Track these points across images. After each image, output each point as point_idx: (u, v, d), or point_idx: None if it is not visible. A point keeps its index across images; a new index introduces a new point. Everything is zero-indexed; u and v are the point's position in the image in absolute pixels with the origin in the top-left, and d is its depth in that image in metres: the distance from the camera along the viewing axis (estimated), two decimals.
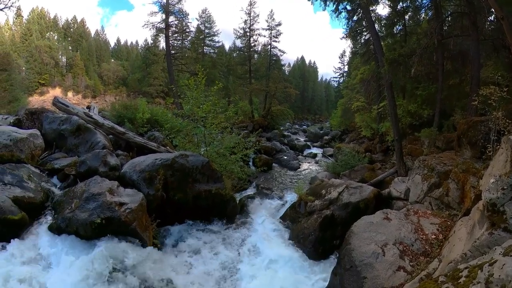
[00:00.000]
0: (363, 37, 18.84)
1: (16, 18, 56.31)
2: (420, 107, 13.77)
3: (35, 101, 48.77)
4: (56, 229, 5.79)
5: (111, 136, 9.90)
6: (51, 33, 63.51)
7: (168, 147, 10.93)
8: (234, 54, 44.81)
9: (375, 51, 15.04)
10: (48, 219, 6.10)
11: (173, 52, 31.73)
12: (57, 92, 55.15)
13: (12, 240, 5.46)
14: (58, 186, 7.30)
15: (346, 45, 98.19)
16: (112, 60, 70.83)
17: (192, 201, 7.68)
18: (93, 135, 9.12)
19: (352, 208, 7.70)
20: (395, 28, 16.01)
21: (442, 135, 11.56)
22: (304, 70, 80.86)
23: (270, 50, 36.20)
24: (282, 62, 43.18)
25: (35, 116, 9.98)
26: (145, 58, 48.08)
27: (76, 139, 9.10)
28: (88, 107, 13.08)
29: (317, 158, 21.15)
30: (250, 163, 15.90)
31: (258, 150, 15.94)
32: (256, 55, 37.74)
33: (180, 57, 33.60)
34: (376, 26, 14.74)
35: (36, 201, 6.24)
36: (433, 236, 5.47)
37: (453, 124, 11.70)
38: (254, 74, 35.81)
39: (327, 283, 5.79)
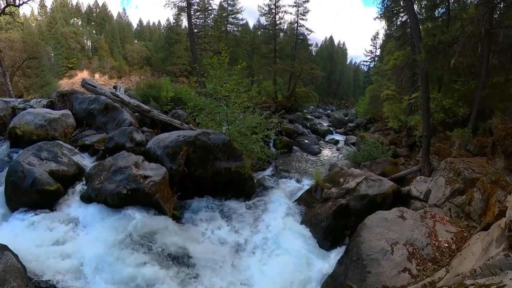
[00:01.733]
0: (400, 18, 17.51)
1: (40, 9, 60.31)
2: (456, 104, 12.72)
3: (65, 84, 51.97)
4: (87, 198, 6.44)
5: (137, 114, 10.43)
6: (75, 19, 66.95)
7: (191, 124, 11.32)
8: (259, 33, 43.91)
9: (412, 35, 13.87)
10: (80, 189, 6.77)
11: (195, 31, 31.87)
12: (84, 74, 58.15)
13: (49, 207, 6.20)
14: (88, 160, 7.95)
15: (380, 27, 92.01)
16: (136, 41, 72.85)
17: (212, 178, 8.04)
18: (120, 113, 9.68)
19: (368, 201, 7.63)
20: (436, 11, 14.48)
21: (476, 139, 10.76)
22: (333, 51, 77.26)
23: (297, 28, 35.03)
24: (309, 42, 41.62)
25: (66, 98, 10.76)
26: (168, 38, 48.69)
27: (104, 117, 9.71)
28: (115, 87, 13.73)
29: (338, 145, 20.81)
30: (271, 144, 16.03)
31: (280, 131, 15.97)
32: (281, 34, 36.84)
33: (203, 35, 33.70)
34: (416, 7, 13.52)
35: (69, 173, 6.91)
36: (446, 245, 5.33)
37: (490, 128, 10.64)
38: (279, 53, 35.11)
39: (332, 270, 5.96)
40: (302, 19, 34.62)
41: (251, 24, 56.38)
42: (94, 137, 8.80)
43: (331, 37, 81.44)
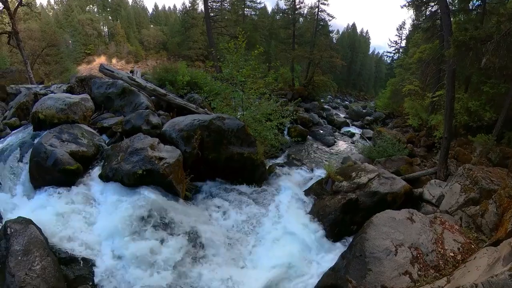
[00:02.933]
0: (430, 8, 16.42)
1: None
2: (482, 107, 12.01)
3: (84, 69, 53.71)
4: (104, 177, 6.82)
5: (153, 97, 10.68)
6: (91, 6, 68.32)
7: (206, 109, 11.49)
8: (277, 17, 43.18)
9: (441, 27, 13.03)
10: (98, 169, 7.16)
11: (212, 14, 31.68)
12: (102, 59, 59.76)
13: (69, 185, 6.63)
14: (106, 142, 8.32)
15: (407, 16, 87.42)
16: (151, 26, 73.58)
17: (224, 162, 8.26)
18: (137, 97, 9.96)
19: (378, 198, 7.62)
20: (471, 3, 13.46)
21: (499, 147, 10.31)
22: (354, 40, 74.03)
23: (317, 13, 34.01)
24: (330, 29, 40.49)
25: (84, 83, 11.18)
26: (184, 22, 48.95)
27: (121, 100, 10.02)
28: (132, 72, 14.10)
29: (354, 138, 20.52)
30: (285, 132, 16.10)
31: (295, 120, 15.95)
32: (301, 19, 35.91)
33: (220, 19, 33.45)
34: None
35: (88, 154, 7.31)
36: (451, 254, 5.25)
37: None
38: (298, 39, 34.38)
39: (333, 263, 6.09)
40: (323, 3, 33.45)
41: (269, 8, 55.51)
42: (112, 120, 9.14)
43: (353, 24, 78.74)
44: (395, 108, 26.65)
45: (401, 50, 52.25)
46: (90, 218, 5.98)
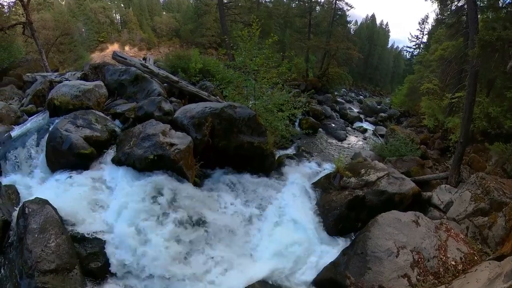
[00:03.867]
0: (456, 2, 15.52)
1: None
2: (504, 114, 11.37)
3: (97, 57, 54.66)
4: (117, 161, 7.13)
5: (165, 84, 10.87)
6: None
7: (218, 97, 11.61)
8: (293, 5, 42.17)
9: (467, 24, 12.17)
10: (111, 153, 7.47)
11: (225, 1, 31.38)
12: (115, 47, 60.58)
13: (84, 168, 7.00)
14: (119, 127, 8.60)
15: (431, 9, 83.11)
16: (164, 12, 73.76)
17: (234, 150, 8.41)
18: (150, 84, 10.18)
19: (385, 198, 7.64)
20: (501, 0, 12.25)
21: None
22: (373, 32, 71.16)
23: (335, 2, 33.09)
24: (348, 19, 39.20)
25: (98, 70, 11.54)
26: (197, 9, 48.60)
27: (134, 87, 10.27)
28: (144, 59, 14.28)
29: (366, 134, 20.20)
30: (296, 124, 16.07)
31: (307, 111, 15.82)
32: (318, 7, 35.19)
33: (233, 6, 33.12)
34: None
35: (102, 139, 7.61)
36: (453, 262, 5.26)
37: None
38: (314, 29, 33.73)
39: (334, 258, 6.25)
40: None
41: None
42: (125, 106, 9.38)
43: (373, 15, 75.45)
44: (411, 106, 25.93)
45: (422, 45, 49.86)
46: (103, 199, 6.33)
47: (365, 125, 23.27)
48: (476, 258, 5.47)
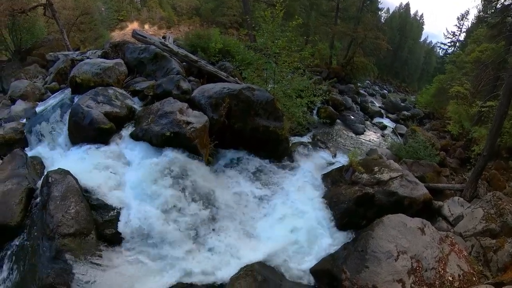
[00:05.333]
0: (502, 0, 14.04)
1: None
2: None
3: (117, 35, 55.60)
4: (135, 137, 7.52)
5: (184, 63, 11.05)
6: None
7: (237, 78, 11.63)
8: None
9: None
10: (130, 129, 7.83)
11: None
12: (135, 25, 61.27)
13: (103, 142, 7.41)
14: (138, 104, 8.92)
15: (473, 5, 76.81)
16: None
17: (249, 133, 8.61)
18: (169, 62, 10.36)
19: (395, 199, 7.64)
20: None
21: None
22: (406, 23, 65.77)
23: None
24: (380, 6, 37.84)
25: (118, 48, 11.80)
26: None
27: (153, 65, 10.50)
28: (164, 37, 14.51)
29: (385, 131, 19.79)
30: (314, 112, 16.02)
31: (326, 100, 15.71)
32: None
33: None
34: None
35: (121, 115, 7.97)
36: (450, 278, 5.24)
37: None
38: (342, 13, 32.55)
39: (334, 251, 6.45)
40: None
41: None
42: (144, 84, 9.67)
43: (407, 4, 70.24)
44: (437, 108, 24.90)
45: (457, 44, 46.83)
46: (120, 171, 6.74)
47: (386, 121, 22.79)
48: (474, 279, 5.49)
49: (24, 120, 9.01)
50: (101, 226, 5.78)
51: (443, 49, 54.57)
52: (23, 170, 6.41)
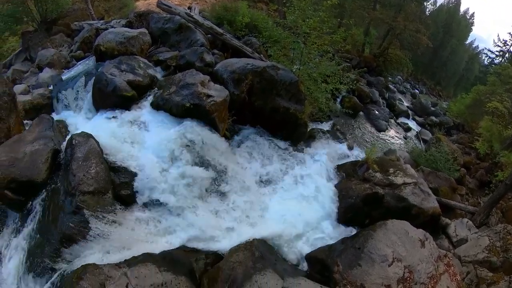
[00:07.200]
0: None
1: None
2: None
3: (142, 5, 55.86)
4: (156, 106, 7.84)
5: (209, 35, 11.22)
6: None
7: (262, 55, 11.69)
8: None
9: None
10: (151, 98, 8.17)
11: None
12: None
13: (125, 109, 7.86)
14: (160, 74, 9.28)
15: None
16: None
17: (269, 112, 8.78)
18: (193, 34, 10.60)
19: (403, 206, 7.68)
20: None
21: None
22: (453, 20, 59.56)
23: None
24: None
25: (142, 18, 12.22)
26: None
27: (177, 36, 10.75)
28: (190, 8, 14.59)
29: (408, 133, 19.11)
30: (338, 100, 15.74)
31: (352, 90, 15.45)
32: None
33: None
34: None
35: (143, 83, 8.32)
36: None
37: None
38: None
39: (332, 242, 6.73)
40: None
41: None
42: (167, 54, 9.95)
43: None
44: (469, 121, 23.62)
45: (507, 55, 43.43)
46: (139, 137, 7.15)
47: (411, 123, 21.95)
48: None
49: (51, 87, 9.58)
50: (117, 187, 6.21)
51: (489, 57, 49.75)
52: (50, 133, 6.91)
